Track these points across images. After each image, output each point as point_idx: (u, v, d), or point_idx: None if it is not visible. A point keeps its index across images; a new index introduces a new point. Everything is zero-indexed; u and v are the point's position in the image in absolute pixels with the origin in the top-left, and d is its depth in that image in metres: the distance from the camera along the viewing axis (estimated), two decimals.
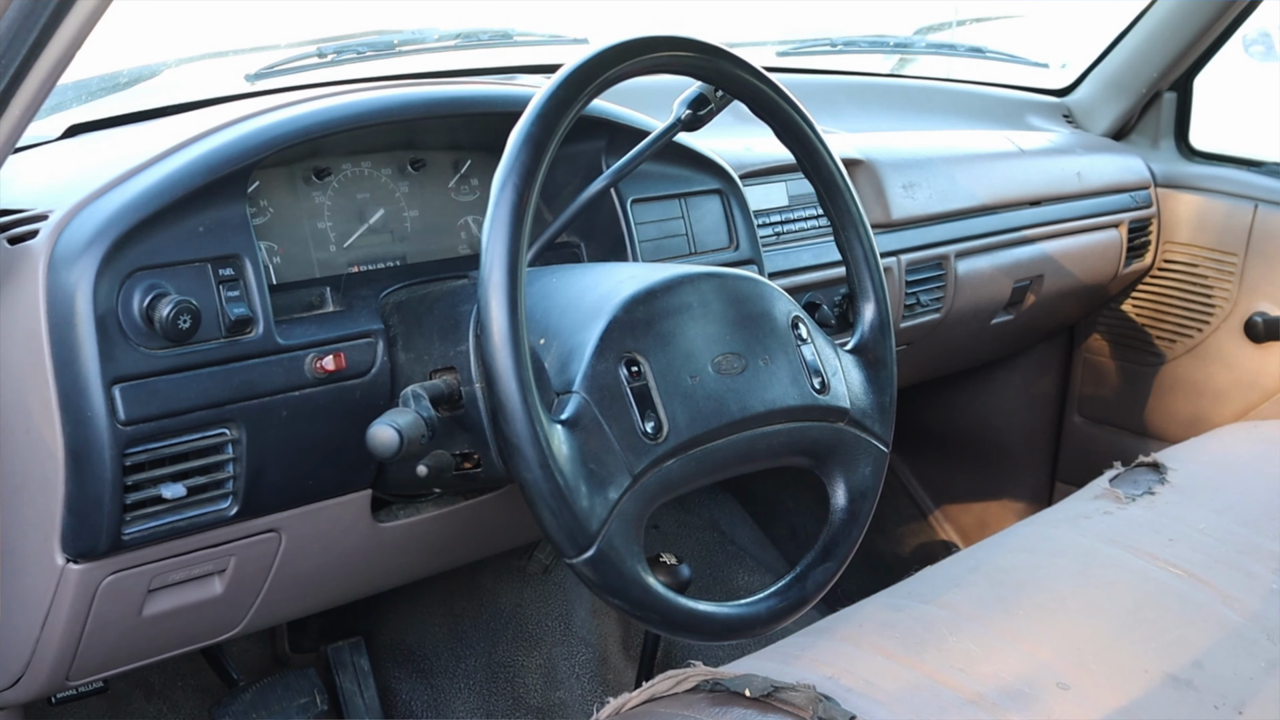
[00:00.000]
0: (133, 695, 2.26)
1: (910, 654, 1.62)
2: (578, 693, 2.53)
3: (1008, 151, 2.79)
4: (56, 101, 1.77)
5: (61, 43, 1.17)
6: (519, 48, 2.40)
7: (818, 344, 1.56)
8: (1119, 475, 2.23)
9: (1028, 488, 3.46)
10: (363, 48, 2.14)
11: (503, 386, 1.27)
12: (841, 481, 1.60)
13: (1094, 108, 3.28)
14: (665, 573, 1.82)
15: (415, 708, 2.48)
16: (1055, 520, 2.08)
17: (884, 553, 3.46)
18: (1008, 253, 2.69)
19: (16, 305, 1.37)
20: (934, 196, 2.50)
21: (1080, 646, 1.66)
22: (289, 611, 1.78)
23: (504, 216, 1.30)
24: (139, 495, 1.41)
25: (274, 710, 2.10)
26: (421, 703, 2.49)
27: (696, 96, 1.71)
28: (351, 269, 1.70)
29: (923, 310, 2.49)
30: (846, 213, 1.65)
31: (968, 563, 1.92)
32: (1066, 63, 3.38)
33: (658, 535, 2.97)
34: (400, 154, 1.78)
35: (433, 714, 2.47)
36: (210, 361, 1.43)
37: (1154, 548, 1.92)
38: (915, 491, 3.55)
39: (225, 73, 2.02)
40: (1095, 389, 3.34)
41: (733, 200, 1.98)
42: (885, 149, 2.49)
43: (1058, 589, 1.80)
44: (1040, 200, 2.80)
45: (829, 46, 3.02)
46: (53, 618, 1.46)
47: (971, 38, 3.48)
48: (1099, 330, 3.30)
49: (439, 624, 2.59)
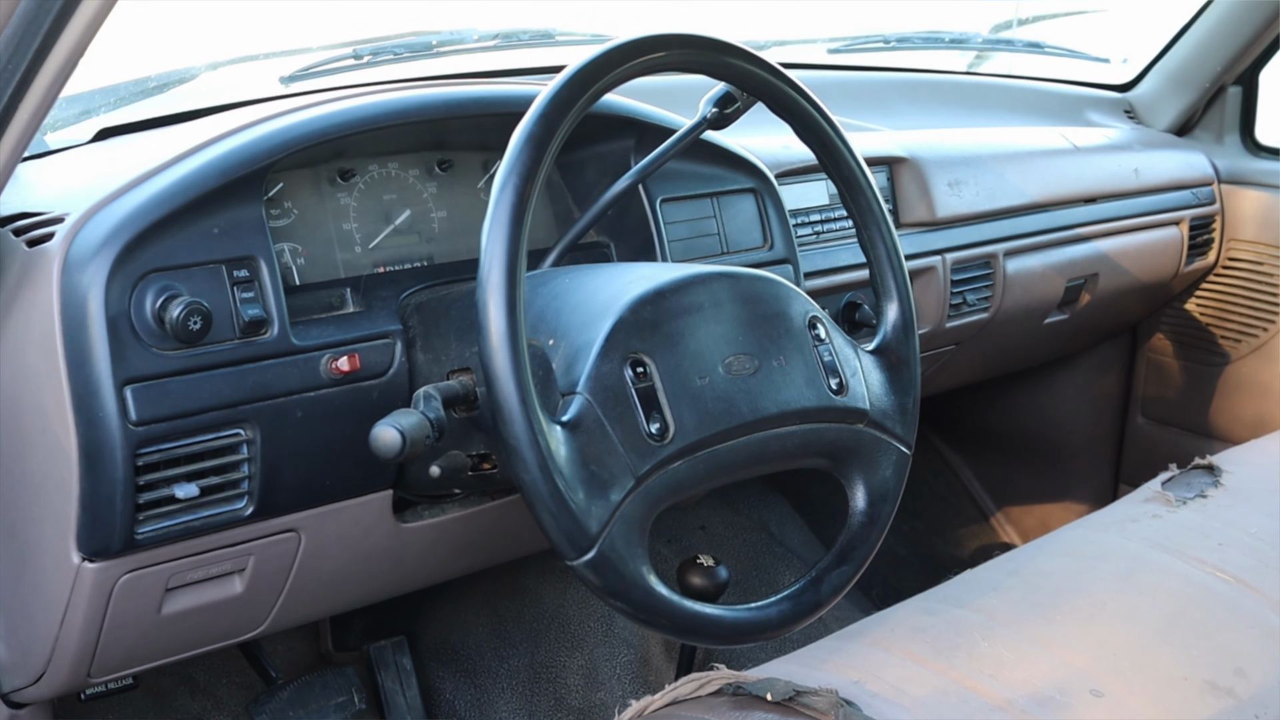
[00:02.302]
0: (177, 691, 2.29)
1: (940, 659, 1.60)
2: (619, 694, 2.52)
3: (1061, 148, 2.75)
4: (86, 107, 1.80)
5: (65, 48, 1.17)
6: (561, 47, 2.38)
7: (836, 344, 1.54)
8: (1172, 478, 2.18)
9: (1090, 489, 3.41)
10: (400, 49, 2.14)
11: (500, 388, 1.26)
12: (861, 483, 1.57)
13: (1156, 103, 3.22)
14: (702, 574, 1.81)
15: (459, 707, 2.49)
16: (1101, 524, 2.04)
17: (942, 554, 3.42)
18: (1060, 251, 2.65)
19: (33, 306, 1.39)
20: (981, 194, 2.47)
21: (1117, 652, 1.62)
22: (314, 611, 1.79)
23: (504, 217, 1.30)
24: (152, 495, 1.42)
25: (311, 709, 2.11)
26: (465, 702, 2.49)
27: (723, 95, 1.70)
28: (377, 269, 1.70)
29: (969, 310, 2.46)
30: (869, 211, 1.63)
31: (1008, 566, 1.89)
32: (1128, 57, 3.32)
33: (704, 536, 2.96)
34: (428, 155, 1.78)
35: (476, 714, 2.48)
36: (224, 362, 1.44)
37: (1202, 552, 1.87)
38: (976, 492, 3.51)
39: (260, 76, 2.03)
40: (1159, 389, 3.28)
41: (767, 199, 1.96)
42: (931, 146, 2.46)
43: (1097, 594, 1.76)
44: (1095, 197, 2.76)
45: (882, 43, 2.98)
46: (70, 615, 1.48)
47: (1033, 33, 3.43)
48: (1162, 329, 3.24)
49: (482, 624, 2.59)
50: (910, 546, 3.39)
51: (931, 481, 3.54)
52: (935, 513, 3.50)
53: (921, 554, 3.40)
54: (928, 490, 3.52)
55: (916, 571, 3.33)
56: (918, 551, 3.40)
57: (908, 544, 3.40)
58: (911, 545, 3.40)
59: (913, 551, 3.39)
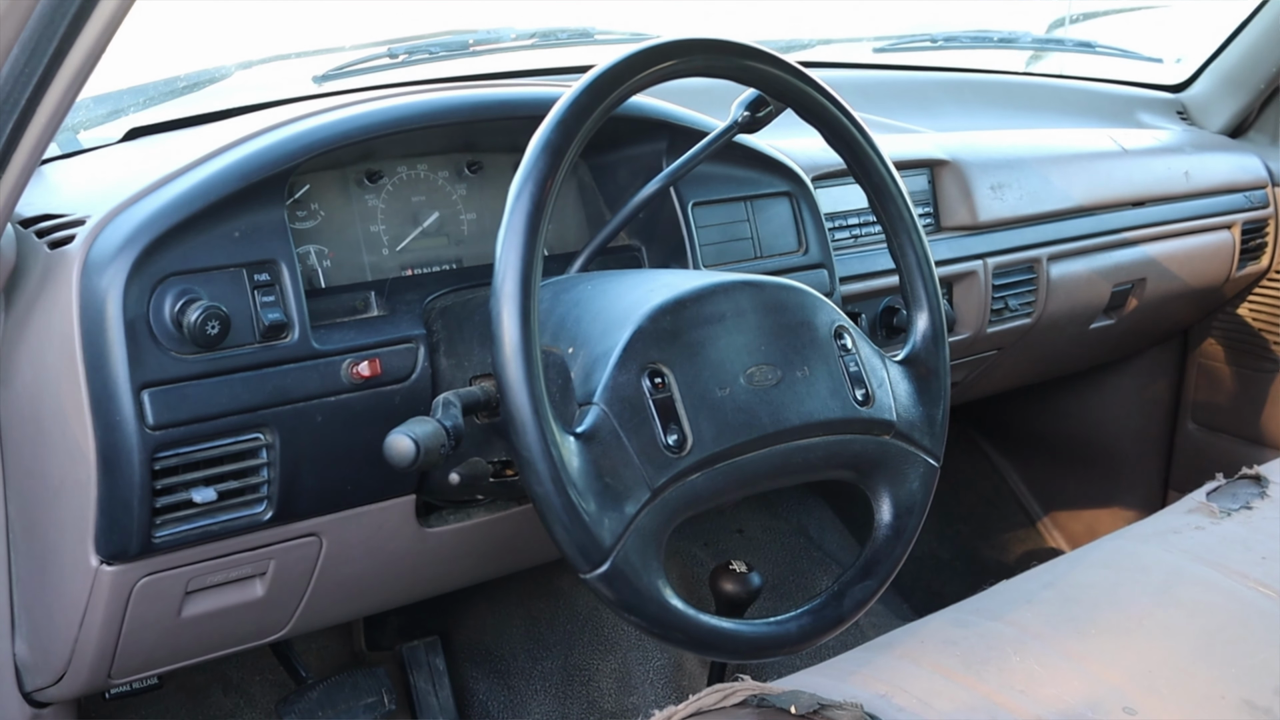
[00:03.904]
0: (210, 688, 2.30)
1: (970, 673, 1.57)
2: (651, 698, 2.51)
3: (1108, 150, 2.70)
4: (117, 106, 1.80)
5: (82, 51, 1.17)
6: (600, 46, 2.36)
7: (863, 354, 1.51)
8: (1218, 488, 2.14)
9: (1139, 496, 3.36)
10: (436, 48, 2.13)
11: (512, 399, 1.25)
12: (887, 496, 1.55)
13: (1210, 104, 3.17)
14: (735, 581, 1.80)
15: (492, 708, 2.48)
16: (1142, 535, 2.00)
17: (986, 559, 3.38)
18: (1106, 255, 2.61)
19: (54, 309, 1.40)
20: (1025, 198, 2.43)
21: (1152, 669, 1.59)
22: (337, 614, 1.78)
23: (519, 225, 1.29)
24: (169, 499, 1.42)
25: (340, 709, 2.11)
26: (498, 703, 2.49)
27: (755, 99, 1.68)
28: (405, 272, 1.69)
29: (1011, 315, 2.42)
30: (899, 219, 1.60)
31: (1044, 578, 1.85)
32: (1182, 57, 3.26)
33: (741, 539, 2.94)
34: (458, 156, 1.77)
35: (509, 715, 2.48)
36: (243, 367, 1.43)
37: (1245, 566, 1.83)
38: (1023, 496, 3.47)
39: (293, 75, 2.03)
40: (1210, 395, 3.23)
41: (802, 202, 1.93)
42: (973, 148, 2.42)
43: (1135, 608, 1.73)
44: (1144, 201, 2.71)
45: (929, 42, 2.95)
46: (90, 617, 1.48)
47: (1085, 32, 3.38)
48: (1213, 334, 3.19)
49: (516, 625, 2.59)
50: (954, 550, 3.36)
51: (978, 484, 3.50)
52: (981, 516, 3.46)
53: (965, 558, 3.36)
54: (974, 493, 3.49)
55: (961, 576, 3.29)
56: (961, 556, 3.36)
57: (952, 548, 3.36)
58: (955, 549, 3.36)
59: (956, 555, 3.36)
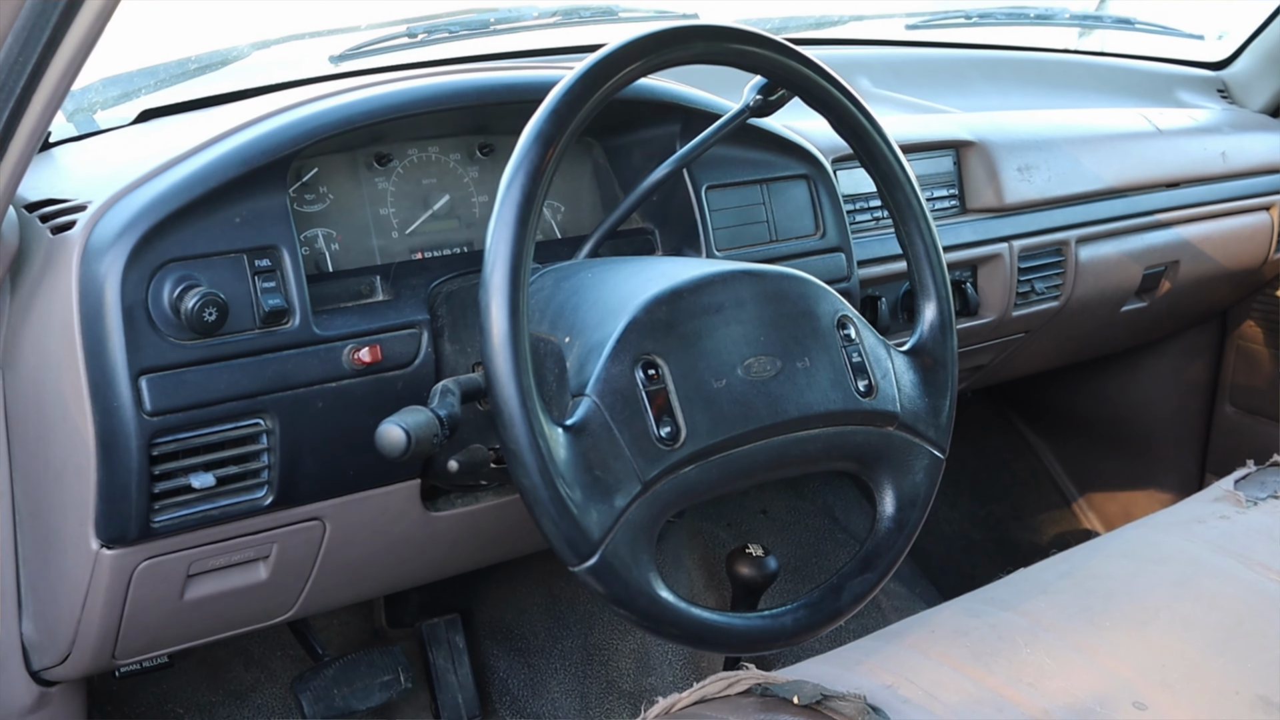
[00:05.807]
0: (232, 663, 2.32)
1: (979, 665, 1.55)
2: (669, 679, 2.51)
3: (1142, 130, 2.65)
4: (128, 88, 1.80)
5: (77, 35, 1.17)
6: (624, 24, 2.34)
7: (867, 345, 1.49)
8: (1246, 476, 2.10)
9: (1176, 478, 3.33)
10: (456, 26, 2.11)
11: (501, 391, 1.24)
12: (890, 488, 1.53)
13: (1252, 82, 3.10)
14: (750, 565, 1.78)
15: (512, 685, 2.49)
16: (1165, 524, 1.97)
17: (1020, 540, 3.36)
18: (1138, 238, 2.57)
19: (55, 294, 1.40)
20: (1053, 179, 2.39)
21: (1166, 663, 1.57)
22: (344, 596, 1.79)
23: (509, 215, 1.27)
24: (167, 484, 1.42)
25: (356, 686, 2.12)
26: (519, 681, 2.50)
27: (767, 82, 1.65)
28: (414, 255, 1.68)
29: (1039, 298, 2.39)
30: (907, 206, 1.58)
31: (1061, 567, 1.83)
32: (1224, 33, 3.19)
33: (766, 520, 2.92)
34: (469, 139, 1.76)
35: (529, 693, 2.48)
36: (242, 353, 1.43)
37: (1269, 558, 1.80)
38: (1058, 476, 3.44)
39: (310, 54, 2.02)
40: (1248, 378, 3.18)
41: (820, 185, 1.91)
42: (1001, 129, 2.38)
43: (1151, 600, 1.70)
44: (1178, 182, 2.66)
45: (963, 19, 2.90)
46: (91, 599, 1.49)
47: (1124, 8, 3.31)
48: (1253, 316, 3.14)
49: (537, 604, 2.59)
50: (985, 531, 3.33)
51: (1013, 463, 3.47)
52: (1015, 496, 3.43)
53: (997, 540, 3.34)
54: (1008, 472, 3.46)
55: (991, 558, 3.27)
56: (992, 537, 3.33)
57: (984, 529, 3.33)
58: (987, 530, 3.34)
59: (988, 537, 3.33)
